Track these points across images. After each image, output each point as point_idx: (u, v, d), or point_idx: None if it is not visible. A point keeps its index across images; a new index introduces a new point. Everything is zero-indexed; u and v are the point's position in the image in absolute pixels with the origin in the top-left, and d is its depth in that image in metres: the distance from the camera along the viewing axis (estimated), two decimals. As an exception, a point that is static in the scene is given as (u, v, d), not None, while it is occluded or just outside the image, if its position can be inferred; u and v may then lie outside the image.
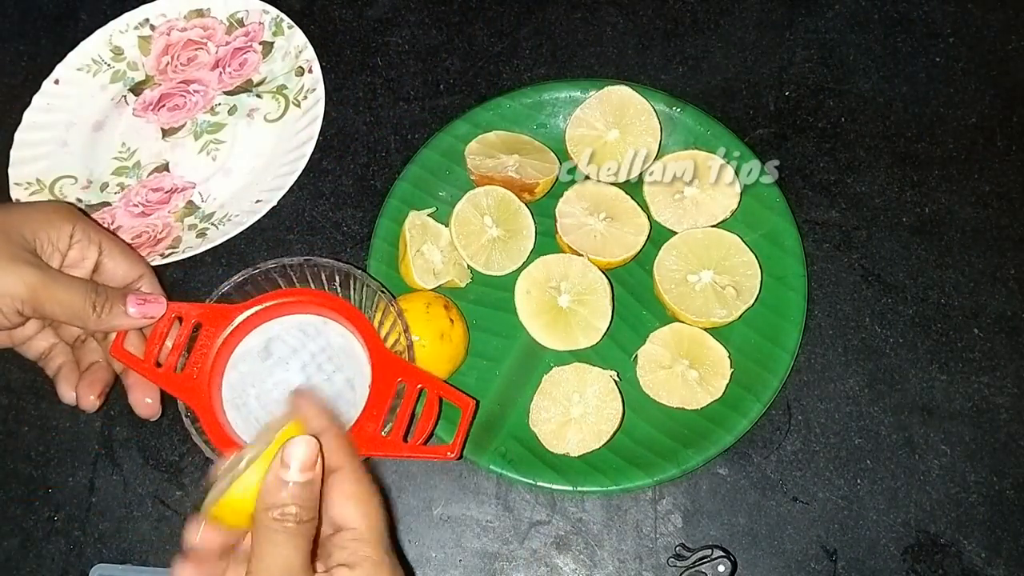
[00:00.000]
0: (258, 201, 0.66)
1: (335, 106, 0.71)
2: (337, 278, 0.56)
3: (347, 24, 0.75)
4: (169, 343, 0.52)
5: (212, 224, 0.67)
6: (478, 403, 0.55)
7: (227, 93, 0.73)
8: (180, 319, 0.53)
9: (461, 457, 0.53)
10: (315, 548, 0.40)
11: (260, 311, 0.54)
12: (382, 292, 0.55)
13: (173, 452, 0.61)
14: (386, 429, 0.50)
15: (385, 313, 0.55)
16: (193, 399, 0.51)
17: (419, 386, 0.51)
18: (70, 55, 0.73)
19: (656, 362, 0.58)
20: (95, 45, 0.74)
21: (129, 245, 0.56)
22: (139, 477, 0.60)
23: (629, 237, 0.61)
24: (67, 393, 0.53)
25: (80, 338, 0.55)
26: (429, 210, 0.64)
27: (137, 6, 0.75)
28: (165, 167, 0.70)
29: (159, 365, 0.52)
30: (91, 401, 0.52)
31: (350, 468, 0.41)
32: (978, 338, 0.62)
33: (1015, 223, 0.65)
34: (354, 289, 0.56)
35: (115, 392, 0.62)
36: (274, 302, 0.55)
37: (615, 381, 0.58)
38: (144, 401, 0.53)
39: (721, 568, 0.55)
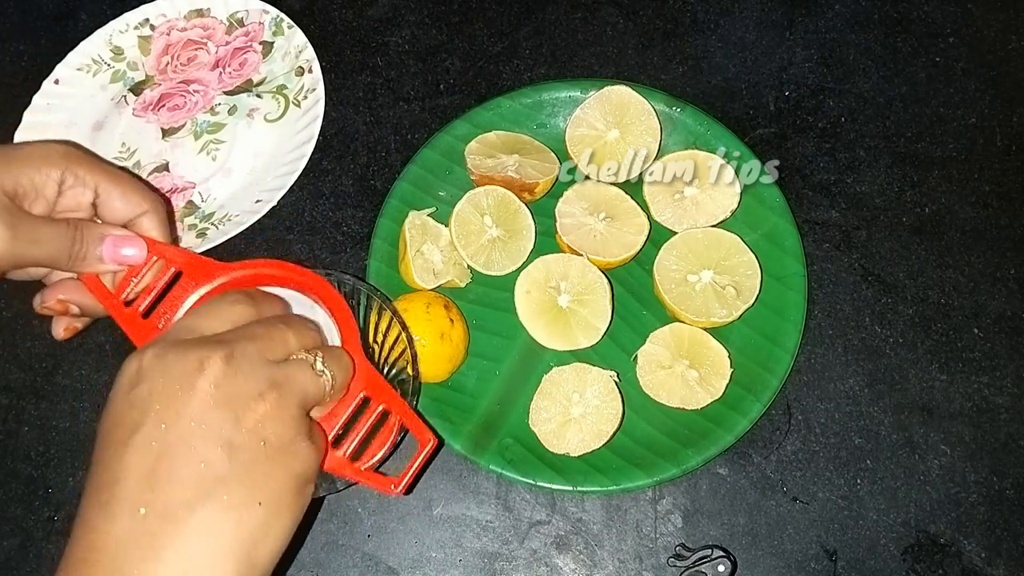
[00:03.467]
0: (258, 201, 0.66)
1: (335, 106, 0.71)
2: (356, 297, 0.54)
3: (347, 24, 0.75)
4: (144, 284, 0.47)
5: (212, 224, 0.67)
6: (441, 443, 0.52)
7: (227, 93, 0.73)
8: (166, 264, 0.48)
9: (408, 493, 0.49)
10: None
11: (247, 276, 0.48)
12: (396, 317, 0.54)
13: (173, 452, 0.61)
14: (344, 449, 0.44)
15: (398, 340, 0.53)
16: None
17: (381, 407, 0.45)
18: (70, 55, 0.73)
19: (656, 362, 0.58)
20: (95, 45, 0.74)
21: (137, 178, 0.50)
22: (139, 477, 0.60)
23: (629, 237, 0.61)
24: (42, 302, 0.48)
25: None
26: (429, 210, 0.64)
27: (137, 6, 0.75)
28: (165, 167, 0.70)
29: (128, 305, 0.47)
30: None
31: None
32: (978, 338, 0.62)
33: (1015, 223, 0.65)
34: (370, 308, 0.55)
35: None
36: (265, 271, 0.48)
37: (615, 381, 0.58)
38: (56, 296, 0.47)
39: (721, 568, 0.55)
